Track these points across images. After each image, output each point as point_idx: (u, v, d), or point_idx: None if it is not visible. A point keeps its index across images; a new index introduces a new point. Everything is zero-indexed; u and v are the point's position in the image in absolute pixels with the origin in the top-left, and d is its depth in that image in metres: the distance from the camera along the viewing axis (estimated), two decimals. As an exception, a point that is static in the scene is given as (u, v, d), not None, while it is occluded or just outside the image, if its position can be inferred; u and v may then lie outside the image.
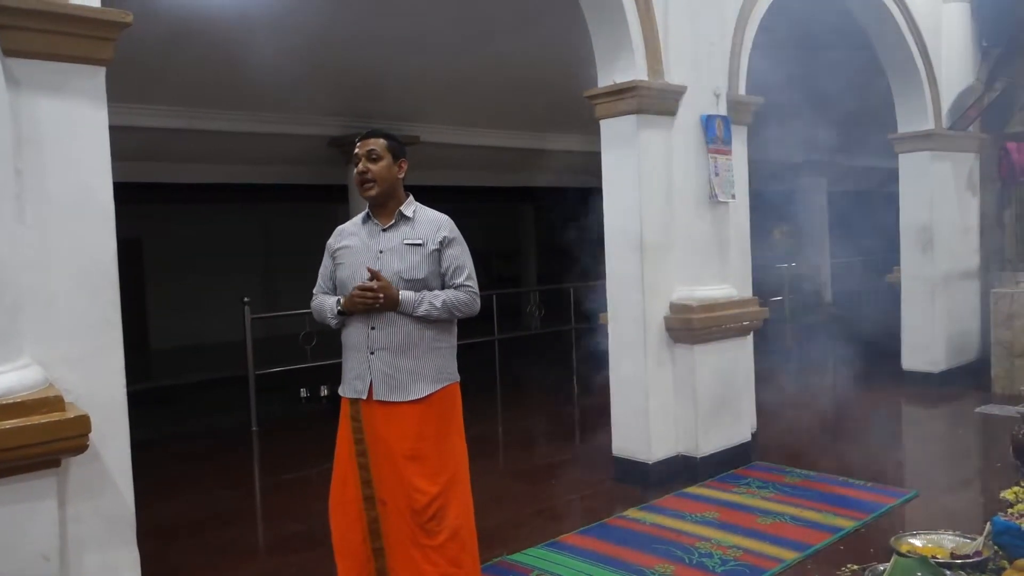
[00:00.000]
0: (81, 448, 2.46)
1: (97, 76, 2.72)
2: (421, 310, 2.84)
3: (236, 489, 5.45)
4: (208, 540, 4.41)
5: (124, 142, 3.85)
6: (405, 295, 2.84)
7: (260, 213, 12.99)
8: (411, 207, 2.98)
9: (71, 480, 2.61)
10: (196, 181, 8.64)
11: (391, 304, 2.83)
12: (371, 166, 2.91)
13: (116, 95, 2.87)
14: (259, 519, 4.95)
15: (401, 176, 2.97)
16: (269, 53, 6.78)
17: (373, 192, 2.92)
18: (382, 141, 2.94)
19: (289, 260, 13.18)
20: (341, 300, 2.91)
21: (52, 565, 2.43)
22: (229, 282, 11.83)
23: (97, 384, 2.69)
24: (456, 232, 2.98)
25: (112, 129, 2.78)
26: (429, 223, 2.96)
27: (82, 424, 2.41)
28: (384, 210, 2.97)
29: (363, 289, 2.81)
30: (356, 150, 2.96)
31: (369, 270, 2.83)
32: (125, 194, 3.10)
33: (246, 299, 7.22)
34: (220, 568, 4.00)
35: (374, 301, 2.81)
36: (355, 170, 2.96)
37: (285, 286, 12.31)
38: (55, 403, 2.38)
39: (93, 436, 2.48)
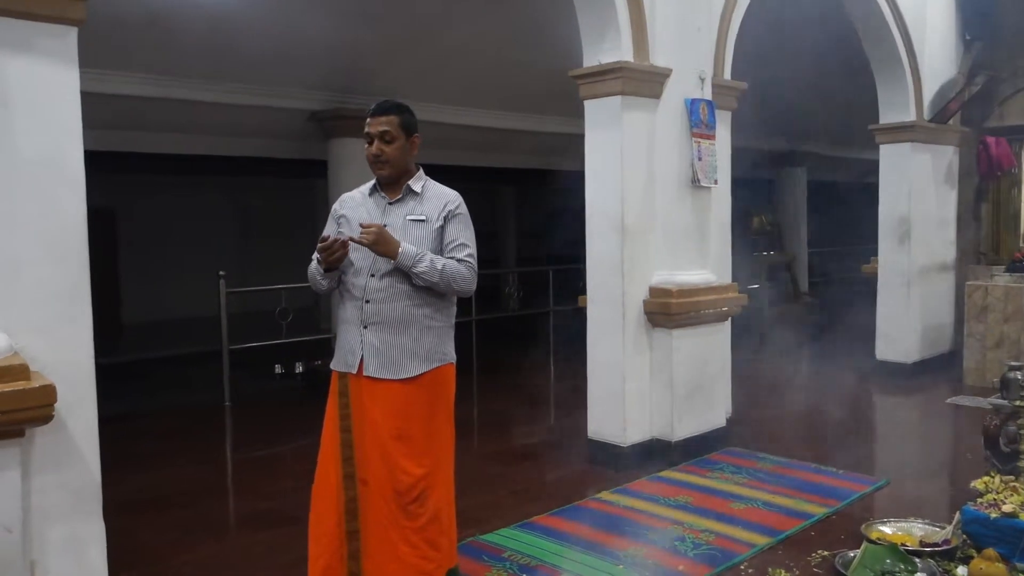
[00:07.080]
0: (46, 418, 2.41)
1: (68, 36, 2.63)
2: (421, 266, 2.72)
3: (207, 465, 5.39)
4: (177, 516, 4.36)
5: (98, 110, 3.76)
6: (406, 246, 2.73)
7: (237, 186, 12.79)
8: (420, 182, 2.91)
9: (36, 451, 2.55)
10: (172, 152, 8.48)
11: (390, 251, 2.71)
12: (385, 148, 2.82)
13: (91, 61, 2.78)
14: (230, 495, 4.90)
15: (414, 152, 2.89)
16: (250, 23, 6.65)
17: (386, 172, 2.85)
18: (395, 119, 2.83)
19: (266, 234, 13.05)
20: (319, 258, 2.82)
21: (15, 537, 2.39)
22: (204, 256, 11.64)
23: (64, 353, 2.63)
24: (463, 208, 2.90)
25: (86, 96, 2.70)
26: (437, 198, 2.88)
27: (47, 394, 2.36)
28: (393, 183, 2.89)
29: (324, 243, 2.73)
30: (368, 128, 2.84)
31: (361, 224, 2.74)
32: (98, 163, 3.03)
33: (221, 273, 7.13)
34: (188, 544, 3.95)
35: (341, 248, 2.72)
36: (368, 150, 2.85)
37: (261, 261, 12.17)
38: (20, 371, 2.33)
39: (59, 406, 2.43)
